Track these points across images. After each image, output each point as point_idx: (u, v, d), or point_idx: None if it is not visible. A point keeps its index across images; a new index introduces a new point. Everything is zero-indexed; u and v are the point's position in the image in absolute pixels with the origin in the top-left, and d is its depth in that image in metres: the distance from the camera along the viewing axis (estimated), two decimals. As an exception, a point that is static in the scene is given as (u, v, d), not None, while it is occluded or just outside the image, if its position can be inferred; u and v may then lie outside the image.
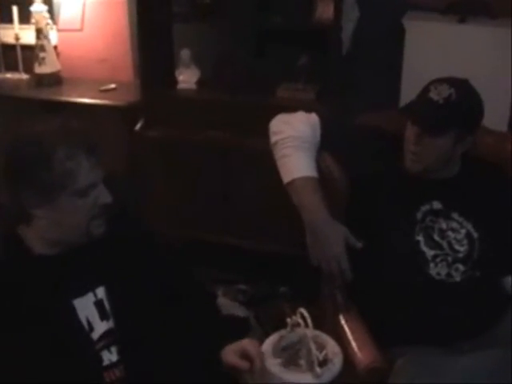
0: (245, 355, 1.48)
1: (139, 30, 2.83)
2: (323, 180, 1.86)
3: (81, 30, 3.40)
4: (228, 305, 2.41)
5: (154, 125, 2.93)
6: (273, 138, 1.92)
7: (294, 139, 1.87)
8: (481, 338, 1.76)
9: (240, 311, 2.38)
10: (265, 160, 1.93)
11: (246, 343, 1.51)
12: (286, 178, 1.85)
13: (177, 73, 2.96)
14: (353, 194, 1.89)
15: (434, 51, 2.61)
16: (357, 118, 2.10)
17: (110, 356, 1.46)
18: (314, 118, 1.94)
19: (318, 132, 1.91)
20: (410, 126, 1.81)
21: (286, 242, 2.77)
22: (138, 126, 2.92)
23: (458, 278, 1.79)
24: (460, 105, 1.76)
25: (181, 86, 2.97)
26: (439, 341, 1.75)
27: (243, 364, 1.46)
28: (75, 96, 3.19)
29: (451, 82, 1.78)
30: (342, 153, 1.91)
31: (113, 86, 3.25)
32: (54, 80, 3.34)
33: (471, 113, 1.81)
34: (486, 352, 1.65)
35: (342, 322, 1.82)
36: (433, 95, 1.76)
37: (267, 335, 1.81)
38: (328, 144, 1.91)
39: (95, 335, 1.46)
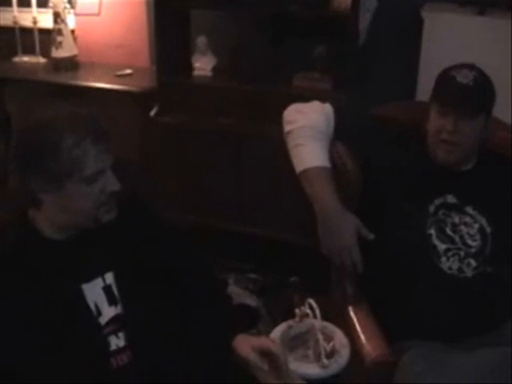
0: (264, 352, 1.48)
1: (157, 16, 2.83)
2: (336, 171, 1.85)
3: (98, 14, 3.41)
4: (238, 293, 2.41)
5: (169, 111, 2.93)
6: (286, 128, 1.91)
7: (308, 129, 1.86)
8: (490, 335, 1.74)
9: (250, 300, 2.39)
10: (279, 149, 1.92)
11: (265, 341, 1.51)
12: (299, 167, 1.84)
13: (193, 59, 2.95)
14: (366, 185, 1.88)
15: (452, 43, 2.58)
16: (372, 109, 2.08)
17: (117, 341, 1.46)
18: (328, 107, 1.93)
19: (332, 122, 1.90)
20: (440, 115, 1.80)
21: (298, 232, 2.76)
22: (153, 112, 2.92)
23: (469, 274, 1.78)
24: (485, 86, 1.81)
25: (196, 72, 2.96)
26: (448, 336, 1.73)
27: (263, 363, 1.46)
28: (91, 81, 3.19)
29: (466, 66, 1.82)
30: (356, 144, 1.90)
31: (129, 71, 3.25)
32: (71, 64, 3.35)
33: (493, 94, 1.84)
34: (494, 349, 1.62)
35: (351, 313, 1.82)
36: (461, 79, 1.77)
37: (276, 325, 1.82)
38: (342, 134, 1.90)
39: (103, 320, 1.46)
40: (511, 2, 2.57)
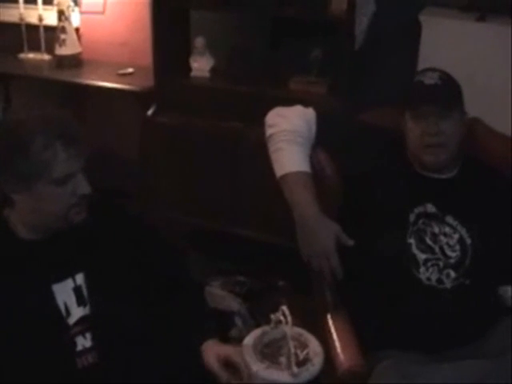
0: (228, 362, 1.50)
1: (155, 16, 2.83)
2: (315, 176, 1.83)
3: (103, 12, 3.43)
4: (222, 296, 2.40)
5: (166, 111, 2.93)
6: (268, 131, 1.90)
7: (289, 133, 1.85)
8: (469, 347, 1.71)
9: (233, 303, 2.38)
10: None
11: (232, 352, 1.52)
12: (279, 172, 1.83)
13: (191, 60, 2.95)
14: (346, 191, 1.86)
15: (450, 49, 2.55)
16: (362, 114, 2.06)
17: (83, 341, 1.47)
18: (310, 112, 1.91)
19: (314, 127, 1.89)
20: (418, 122, 1.79)
21: (289, 235, 2.74)
22: (150, 112, 2.93)
23: (448, 285, 1.75)
24: (451, 82, 1.83)
25: (194, 73, 2.96)
26: (426, 348, 1.71)
27: (225, 376, 1.48)
28: (93, 79, 3.21)
29: (428, 70, 1.86)
30: (336, 150, 1.88)
31: (130, 70, 3.26)
32: (74, 62, 3.37)
33: (460, 89, 1.85)
34: (472, 362, 1.59)
35: (329, 321, 1.80)
36: (429, 81, 1.80)
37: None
38: (322, 140, 1.88)
39: (71, 320, 1.47)
40: (512, 8, 2.53)
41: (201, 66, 2.93)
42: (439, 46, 2.58)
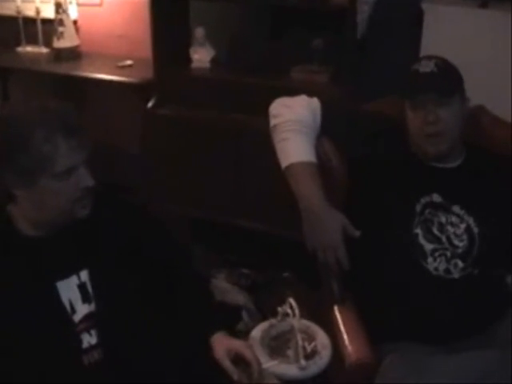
0: (238, 357, 1.47)
1: (154, 6, 2.79)
2: (321, 167, 1.81)
3: (100, 5, 3.40)
4: (227, 289, 2.39)
5: (167, 103, 2.90)
6: (272, 122, 1.88)
7: (294, 123, 1.82)
8: (478, 337, 1.70)
9: (239, 296, 2.36)
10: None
11: (241, 346, 1.50)
12: (284, 162, 1.81)
13: (191, 51, 2.92)
14: (352, 182, 1.84)
15: (452, 36, 2.52)
16: (366, 104, 2.04)
17: (89, 339, 1.45)
18: (315, 102, 1.89)
19: (319, 117, 1.87)
20: (417, 111, 1.77)
21: (293, 227, 2.73)
22: (150, 104, 2.90)
23: (456, 275, 1.73)
24: (449, 68, 1.81)
25: (195, 64, 2.93)
26: (434, 339, 1.69)
27: (236, 372, 1.46)
28: (92, 71, 3.18)
29: (424, 58, 1.84)
30: (342, 139, 1.86)
31: (129, 62, 3.23)
32: (73, 54, 3.34)
33: (459, 75, 1.83)
34: (481, 352, 1.58)
35: (337, 313, 1.79)
36: (424, 69, 1.78)
37: (266, 320, 1.80)
38: (328, 130, 1.86)
39: (76, 318, 1.45)
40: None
41: (201, 56, 2.90)
42: (441, 33, 2.55)
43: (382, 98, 2.08)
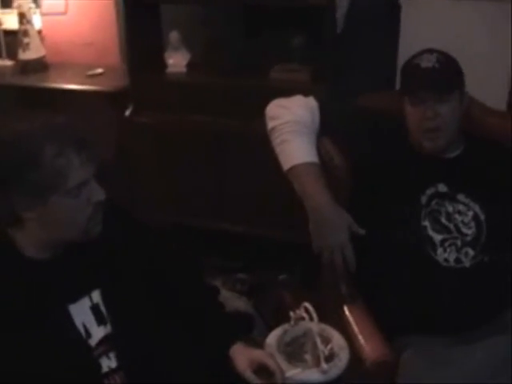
0: (260, 367, 1.44)
1: (127, 12, 2.73)
2: (324, 167, 1.80)
3: (65, 13, 3.30)
4: (227, 297, 2.35)
5: (144, 110, 2.84)
6: (270, 124, 1.84)
7: (294, 124, 1.80)
8: (491, 325, 1.70)
9: (240, 302, 2.32)
10: (259, 144, 1.85)
11: (263, 356, 1.46)
12: (287, 164, 1.78)
13: (166, 56, 2.86)
14: (355, 180, 1.83)
15: (430, 27, 2.53)
16: (356, 100, 2.03)
17: (109, 362, 1.39)
18: (312, 102, 1.88)
19: (317, 116, 1.85)
20: (416, 106, 1.76)
21: (282, 228, 2.71)
22: (128, 112, 2.84)
23: (467, 264, 1.74)
24: (450, 64, 1.80)
25: (170, 69, 2.87)
26: (448, 329, 1.69)
27: (259, 379, 1.42)
28: (62, 82, 3.08)
29: (425, 51, 1.82)
30: (343, 137, 1.85)
31: (100, 70, 3.15)
32: (40, 66, 3.23)
33: (460, 70, 1.82)
34: (497, 340, 1.59)
35: (347, 313, 1.77)
36: (425, 64, 1.76)
37: (267, 326, 1.77)
38: (327, 129, 1.84)
39: (93, 341, 1.39)
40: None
41: (177, 61, 2.85)
42: (419, 24, 2.56)
43: (366, 92, 2.08)
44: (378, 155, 1.81)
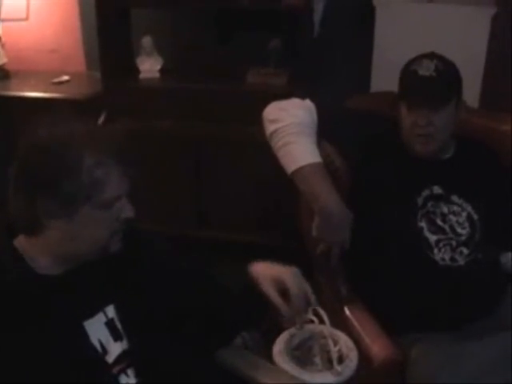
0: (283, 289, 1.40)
1: (97, 17, 2.67)
2: (326, 169, 1.80)
3: (26, 19, 3.22)
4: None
5: (118, 117, 2.78)
6: (271, 127, 1.82)
7: (296, 125, 1.79)
8: (489, 318, 1.75)
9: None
10: (236, 148, 1.84)
11: (284, 274, 1.41)
12: (292, 166, 1.77)
13: (138, 61, 2.82)
14: (353, 182, 1.84)
15: (404, 31, 2.58)
16: (347, 102, 2.05)
17: (127, 380, 1.33)
18: (309, 103, 1.88)
19: (316, 117, 1.85)
20: (410, 112, 1.77)
21: (263, 232, 2.71)
22: (101, 120, 2.78)
23: (462, 262, 1.77)
24: (449, 73, 1.78)
25: (143, 75, 2.84)
26: (447, 325, 1.72)
27: (287, 310, 1.42)
28: (26, 90, 3.00)
29: (426, 56, 1.80)
30: (340, 139, 1.86)
31: (66, 77, 3.09)
32: (1, 74, 3.15)
33: (459, 79, 1.83)
34: (503, 335, 1.63)
35: (348, 314, 1.78)
36: (424, 72, 1.75)
37: (260, 331, 1.75)
38: (325, 131, 1.85)
39: (110, 358, 1.32)
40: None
41: (150, 66, 2.81)
42: (393, 28, 2.60)
43: (342, 94, 2.09)
44: (373, 157, 1.82)
